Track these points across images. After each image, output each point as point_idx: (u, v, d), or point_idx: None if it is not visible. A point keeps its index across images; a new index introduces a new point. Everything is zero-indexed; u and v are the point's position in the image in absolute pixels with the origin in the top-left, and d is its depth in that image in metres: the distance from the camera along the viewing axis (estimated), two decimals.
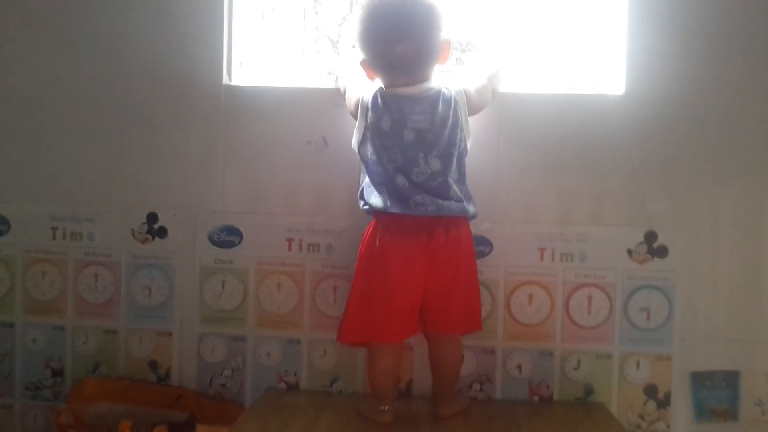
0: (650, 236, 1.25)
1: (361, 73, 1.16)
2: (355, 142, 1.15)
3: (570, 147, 1.25)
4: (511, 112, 1.26)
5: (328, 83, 1.37)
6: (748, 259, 1.26)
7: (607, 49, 1.31)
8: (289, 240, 1.30)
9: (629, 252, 1.26)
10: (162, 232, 1.32)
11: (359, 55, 1.14)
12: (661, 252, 1.25)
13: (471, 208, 1.14)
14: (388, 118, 1.10)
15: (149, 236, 1.32)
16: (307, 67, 1.42)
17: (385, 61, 1.11)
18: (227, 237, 1.31)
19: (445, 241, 1.11)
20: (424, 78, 1.13)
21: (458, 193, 1.12)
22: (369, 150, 1.13)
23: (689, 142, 1.25)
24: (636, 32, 1.25)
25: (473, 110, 1.17)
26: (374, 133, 1.12)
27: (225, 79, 1.30)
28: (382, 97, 1.12)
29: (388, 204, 1.10)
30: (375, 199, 1.11)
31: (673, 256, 1.25)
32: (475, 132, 1.21)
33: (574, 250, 1.26)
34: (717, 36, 1.24)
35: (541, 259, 1.26)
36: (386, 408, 1.15)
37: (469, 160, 1.19)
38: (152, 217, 1.32)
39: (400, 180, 1.10)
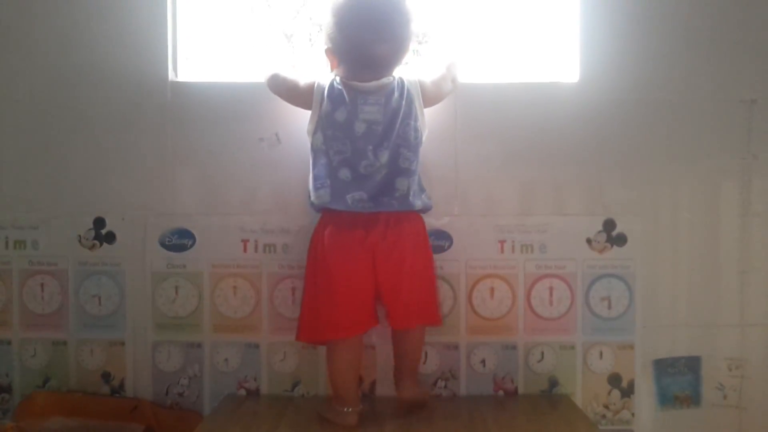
0: (609, 224, 1.25)
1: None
2: (310, 128, 1.13)
3: (527, 136, 1.24)
4: (467, 102, 1.24)
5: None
6: (706, 245, 1.26)
7: (561, 36, 1.30)
8: (244, 241, 1.26)
9: (588, 241, 1.25)
10: (110, 238, 1.27)
11: (325, 44, 1.12)
12: (620, 240, 1.25)
13: (418, 203, 1.12)
14: (344, 109, 1.09)
15: (97, 242, 1.27)
16: (258, 61, 1.37)
17: (360, 58, 1.10)
18: (179, 240, 1.26)
19: (384, 237, 1.09)
20: (388, 75, 1.12)
21: (405, 187, 1.10)
22: (320, 140, 1.11)
23: (645, 128, 1.25)
24: (589, 18, 1.24)
25: (430, 101, 1.16)
26: (327, 122, 1.10)
27: (171, 75, 1.25)
28: (339, 87, 1.11)
29: (328, 200, 1.09)
30: (317, 193, 1.10)
31: (632, 244, 1.25)
32: (431, 124, 1.19)
33: (533, 241, 1.25)
34: (670, 21, 1.24)
35: (501, 251, 1.25)
36: (350, 410, 1.12)
37: (426, 154, 1.17)
38: (99, 222, 1.27)
39: (343, 173, 1.09)
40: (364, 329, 1.14)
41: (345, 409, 1.12)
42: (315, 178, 1.11)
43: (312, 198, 1.12)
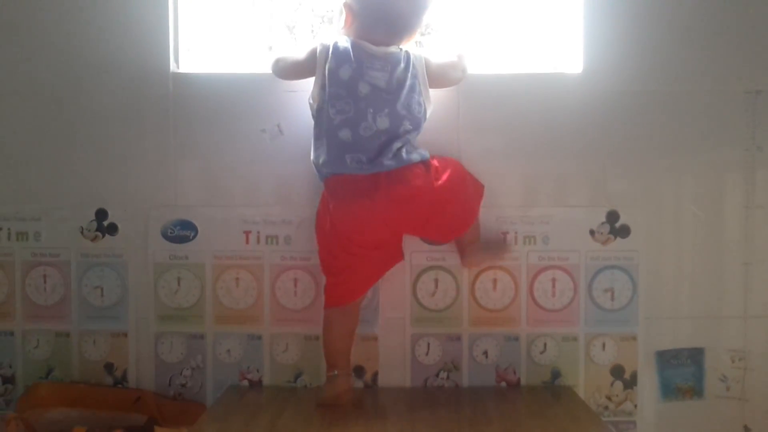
0: (612, 216, 1.25)
1: (338, 19, 1.15)
2: (313, 95, 1.13)
3: (530, 128, 1.24)
4: (470, 94, 1.23)
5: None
6: (710, 236, 1.26)
7: (564, 27, 1.30)
8: (247, 233, 1.26)
9: (591, 233, 1.25)
10: (112, 229, 1.27)
11: None
12: (623, 232, 1.25)
13: (416, 156, 1.10)
14: (348, 68, 1.09)
15: (99, 234, 1.27)
16: (259, 52, 1.37)
17: (379, 12, 1.11)
18: (181, 231, 1.26)
19: (388, 199, 1.08)
20: (397, 43, 1.13)
21: (399, 146, 1.10)
22: (322, 98, 1.11)
23: (649, 119, 1.24)
24: (592, 9, 1.24)
25: (433, 82, 1.15)
26: (330, 80, 1.10)
27: (172, 67, 1.25)
28: (345, 45, 1.11)
29: (325, 159, 1.10)
30: (316, 152, 1.12)
31: (636, 236, 1.24)
32: (433, 115, 1.18)
33: (536, 232, 1.25)
34: (673, 11, 1.24)
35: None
36: (336, 373, 1.14)
37: (428, 145, 1.17)
38: (101, 214, 1.27)
39: (344, 133, 1.09)
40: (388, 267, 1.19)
41: (333, 373, 1.14)
42: (315, 137, 1.12)
43: (312, 158, 1.13)
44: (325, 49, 1.12)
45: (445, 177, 1.11)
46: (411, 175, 1.09)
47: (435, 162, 1.13)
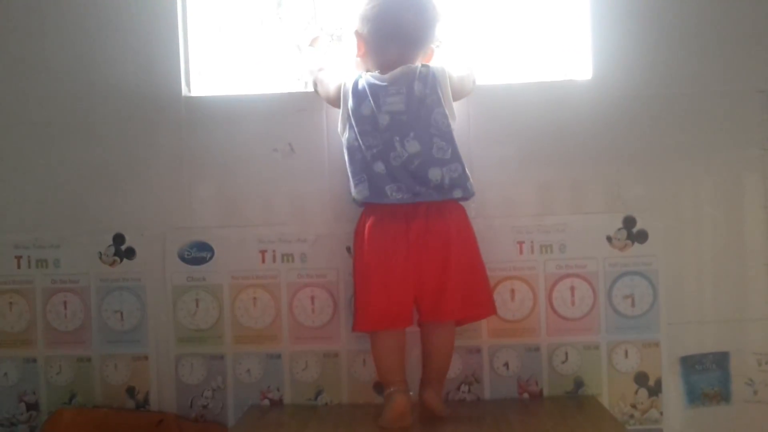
0: (629, 221, 1.23)
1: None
2: (340, 128, 1.15)
3: (542, 136, 1.23)
4: (481, 104, 1.23)
5: (290, 87, 1.35)
6: (729, 237, 1.24)
7: (573, 33, 1.29)
8: (262, 252, 1.26)
9: (609, 239, 1.24)
10: (130, 253, 1.28)
11: (355, 24, 1.16)
12: (641, 237, 1.23)
13: (458, 191, 1.11)
14: (368, 104, 1.11)
15: (117, 258, 1.28)
16: (269, 73, 1.38)
17: (386, 27, 1.12)
18: (198, 253, 1.27)
19: (426, 230, 1.09)
20: (412, 60, 1.14)
21: (439, 177, 1.09)
22: (352, 136, 1.12)
23: (661, 122, 1.24)
24: (600, 14, 1.23)
25: (455, 95, 1.15)
26: (355, 118, 1.12)
27: (184, 91, 1.27)
28: (362, 82, 1.13)
29: (367, 194, 1.10)
30: (357, 188, 1.11)
31: (653, 240, 1.23)
32: None
33: (553, 241, 1.24)
34: (681, 13, 1.23)
35: (521, 252, 1.24)
36: (393, 389, 1.09)
37: None
38: (119, 239, 1.28)
39: (378, 166, 1.10)
40: (399, 326, 1.12)
41: (390, 389, 1.10)
42: (353, 174, 1.12)
43: (353, 194, 1.12)
44: (347, 88, 1.14)
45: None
46: (451, 217, 1.11)
47: (469, 231, 1.14)
